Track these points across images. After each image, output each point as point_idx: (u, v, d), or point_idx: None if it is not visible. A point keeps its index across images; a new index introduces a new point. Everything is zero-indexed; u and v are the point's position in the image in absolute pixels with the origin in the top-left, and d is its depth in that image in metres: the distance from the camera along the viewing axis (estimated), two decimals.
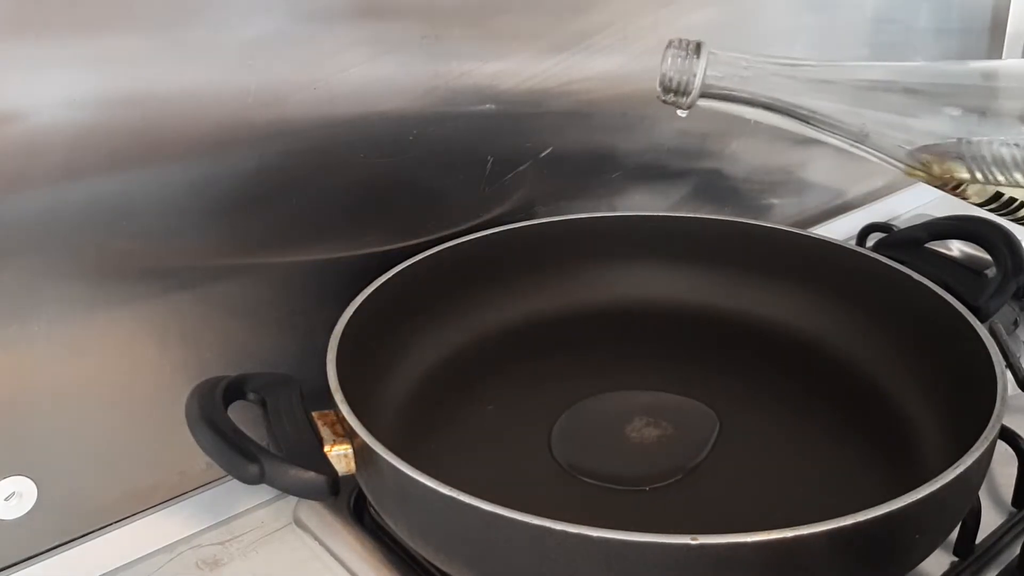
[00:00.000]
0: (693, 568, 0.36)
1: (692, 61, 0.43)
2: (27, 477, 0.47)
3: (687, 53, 0.43)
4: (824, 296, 0.59)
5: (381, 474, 0.41)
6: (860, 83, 0.43)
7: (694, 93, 0.43)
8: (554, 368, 0.57)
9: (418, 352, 0.56)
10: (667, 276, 0.63)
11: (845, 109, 0.43)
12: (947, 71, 0.43)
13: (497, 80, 0.58)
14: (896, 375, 0.54)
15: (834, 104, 0.43)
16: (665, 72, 0.44)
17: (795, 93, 0.43)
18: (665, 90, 0.44)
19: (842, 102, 0.43)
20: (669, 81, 0.44)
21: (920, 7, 0.84)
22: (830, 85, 0.43)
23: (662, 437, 0.51)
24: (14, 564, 0.47)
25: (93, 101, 0.43)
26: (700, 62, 0.43)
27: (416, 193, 0.57)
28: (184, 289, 0.49)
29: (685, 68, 0.43)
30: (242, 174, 0.49)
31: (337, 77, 0.51)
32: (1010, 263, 0.60)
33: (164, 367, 0.50)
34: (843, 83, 0.43)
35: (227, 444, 0.41)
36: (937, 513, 0.40)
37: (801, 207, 0.81)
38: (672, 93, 0.44)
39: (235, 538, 0.50)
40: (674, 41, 0.44)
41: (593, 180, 0.66)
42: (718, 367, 0.58)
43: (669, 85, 0.44)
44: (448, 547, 0.40)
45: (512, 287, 0.61)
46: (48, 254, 0.44)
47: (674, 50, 0.44)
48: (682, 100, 0.44)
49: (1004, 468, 0.50)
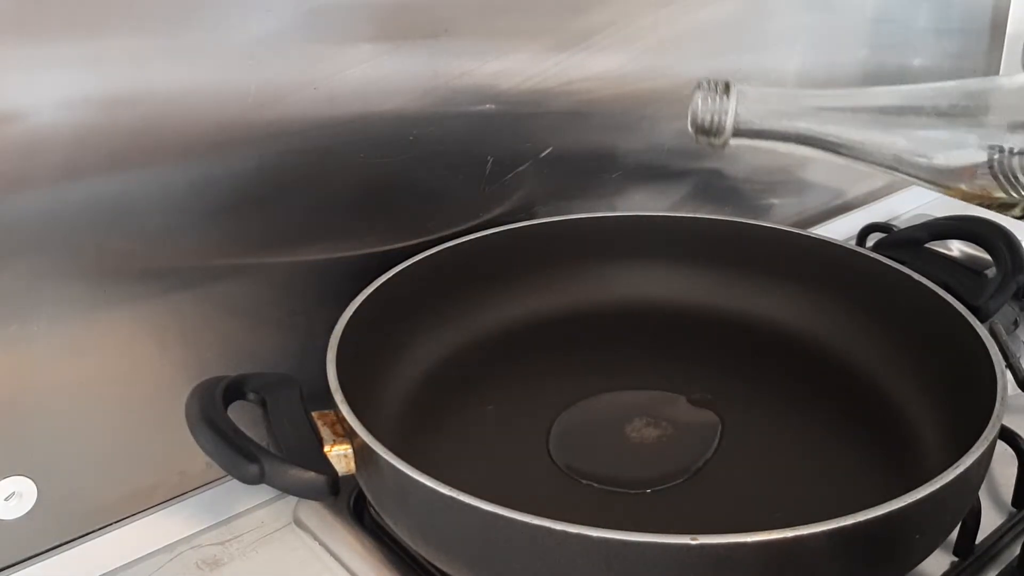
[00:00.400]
0: (693, 568, 0.36)
1: (723, 100, 0.43)
2: (27, 477, 0.47)
3: (717, 93, 0.43)
4: (824, 296, 0.59)
5: (381, 474, 0.41)
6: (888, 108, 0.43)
7: (727, 133, 0.43)
8: (554, 368, 0.57)
9: (418, 352, 0.56)
10: (667, 276, 0.63)
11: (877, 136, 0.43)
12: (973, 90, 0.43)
13: (497, 80, 0.58)
14: (896, 375, 0.54)
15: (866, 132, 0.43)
16: (696, 113, 0.44)
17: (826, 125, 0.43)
18: (697, 131, 0.44)
19: (874, 129, 0.43)
20: (701, 122, 0.44)
21: (920, 7, 0.84)
22: (860, 114, 0.43)
23: (662, 437, 0.51)
24: (14, 564, 0.47)
25: (93, 101, 0.43)
26: (730, 101, 0.43)
27: (416, 193, 0.57)
28: (184, 289, 0.49)
29: (716, 108, 0.43)
30: (242, 174, 0.49)
31: (337, 77, 0.51)
32: (1010, 263, 0.60)
33: (164, 367, 0.50)
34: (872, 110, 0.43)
35: (227, 444, 0.41)
36: (937, 513, 0.40)
37: (801, 207, 0.81)
38: (705, 134, 0.44)
39: (235, 538, 0.50)
40: (703, 82, 0.44)
41: (593, 180, 0.66)
42: (718, 367, 0.58)
43: (702, 126, 0.44)
44: (448, 547, 0.40)
45: (512, 287, 0.61)
46: (48, 254, 0.44)
47: (703, 91, 0.43)
48: (715, 140, 0.44)
49: (1004, 468, 0.50)
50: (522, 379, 0.56)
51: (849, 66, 0.79)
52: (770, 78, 0.73)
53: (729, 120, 0.43)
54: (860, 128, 0.43)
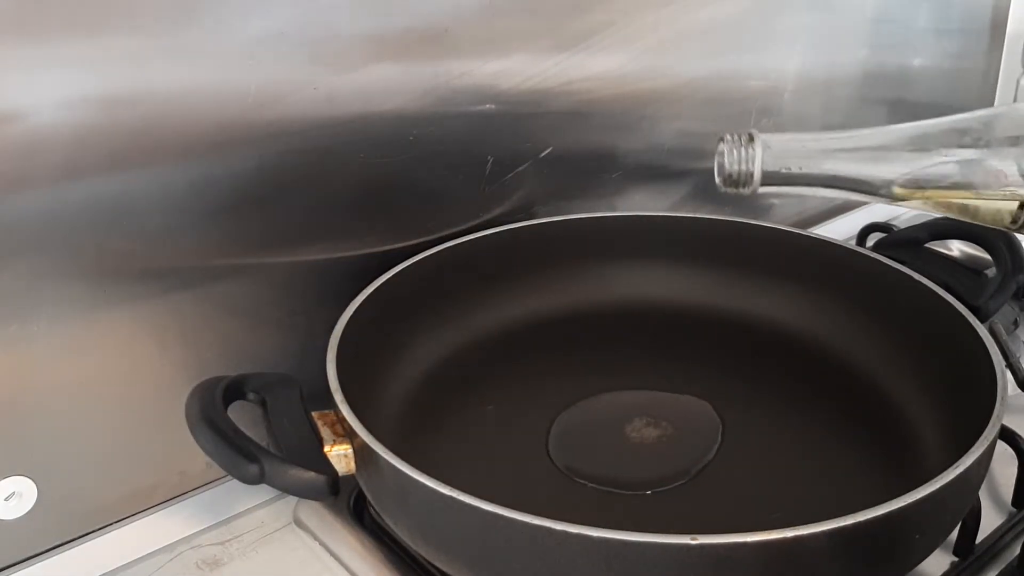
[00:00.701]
0: (693, 568, 0.36)
1: (748, 151, 0.44)
2: (27, 477, 0.47)
3: (742, 144, 0.44)
4: (824, 296, 0.59)
5: (381, 474, 0.41)
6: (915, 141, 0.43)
7: (755, 183, 0.44)
8: (554, 368, 0.57)
9: (418, 352, 0.56)
10: (667, 276, 0.63)
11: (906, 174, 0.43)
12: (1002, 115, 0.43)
13: (497, 80, 0.58)
14: (896, 375, 0.54)
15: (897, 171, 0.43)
16: (724, 165, 0.45)
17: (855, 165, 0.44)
18: (726, 182, 0.45)
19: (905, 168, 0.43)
20: (729, 174, 0.45)
21: (920, 7, 0.84)
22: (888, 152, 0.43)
23: (662, 437, 0.51)
24: (14, 564, 0.47)
25: (93, 101, 0.43)
26: (756, 152, 0.44)
27: (416, 193, 0.57)
28: (184, 289, 0.49)
29: (743, 158, 0.44)
30: (242, 174, 0.49)
31: (337, 77, 0.51)
32: (1010, 263, 0.60)
33: (164, 367, 0.50)
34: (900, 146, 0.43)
35: (227, 444, 0.41)
36: (937, 513, 0.40)
37: (801, 207, 0.81)
38: (734, 185, 0.45)
39: (235, 538, 0.50)
40: (726, 136, 0.45)
41: (593, 180, 0.66)
42: (718, 367, 0.58)
43: (730, 177, 0.45)
44: (448, 547, 0.40)
45: (512, 287, 0.61)
46: (48, 254, 0.44)
47: (728, 144, 0.44)
48: (744, 190, 0.45)
49: (1004, 468, 0.50)
50: (522, 379, 0.56)
51: (849, 66, 0.79)
52: (770, 78, 0.73)
53: (757, 169, 0.44)
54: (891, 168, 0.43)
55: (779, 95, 0.74)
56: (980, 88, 0.92)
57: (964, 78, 0.90)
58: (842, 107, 0.80)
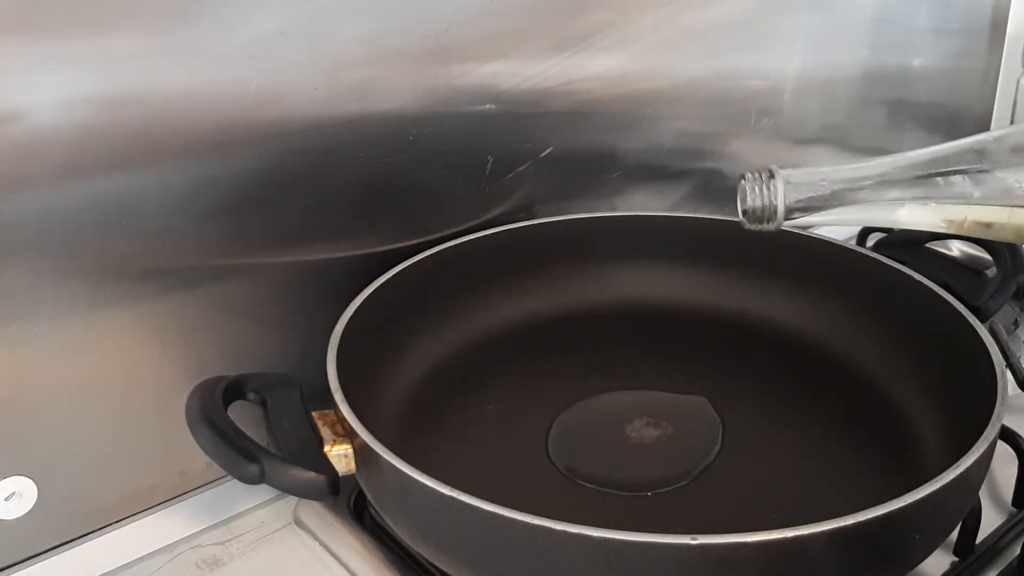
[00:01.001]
0: (693, 568, 0.36)
1: (770, 188, 0.44)
2: (27, 477, 0.47)
3: (763, 181, 0.44)
4: (824, 296, 0.59)
5: (381, 474, 0.41)
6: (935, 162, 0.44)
7: (779, 219, 0.45)
8: (554, 368, 0.57)
9: (418, 352, 0.56)
10: (667, 276, 0.63)
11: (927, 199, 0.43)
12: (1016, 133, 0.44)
13: (497, 80, 0.58)
14: (896, 375, 0.54)
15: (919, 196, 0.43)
16: (747, 203, 0.45)
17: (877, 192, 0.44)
18: (750, 219, 0.45)
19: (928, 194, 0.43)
20: (753, 211, 0.45)
21: (920, 7, 0.84)
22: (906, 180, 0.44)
23: (662, 437, 0.51)
24: (14, 564, 0.47)
25: (93, 101, 0.43)
26: (778, 188, 0.44)
27: (416, 193, 0.57)
28: (184, 289, 0.49)
29: (766, 195, 0.44)
30: (242, 174, 0.49)
31: (337, 77, 0.51)
32: (1010, 263, 0.60)
33: (164, 367, 0.50)
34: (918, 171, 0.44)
35: (227, 444, 0.41)
36: (937, 513, 0.40)
37: None
38: (758, 221, 0.45)
39: (235, 538, 0.50)
40: (747, 174, 0.45)
41: (593, 180, 0.66)
42: (717, 367, 0.58)
43: (754, 214, 0.45)
44: (448, 547, 0.40)
45: (512, 287, 0.61)
46: (48, 254, 0.44)
47: (750, 182, 0.45)
48: (768, 226, 0.45)
49: (1004, 468, 0.50)
50: (522, 379, 0.56)
51: (849, 66, 0.79)
52: (770, 78, 0.73)
53: (781, 207, 0.44)
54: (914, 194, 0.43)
55: (779, 95, 0.74)
56: (980, 88, 0.92)
57: (964, 78, 0.90)
58: (842, 107, 0.80)
